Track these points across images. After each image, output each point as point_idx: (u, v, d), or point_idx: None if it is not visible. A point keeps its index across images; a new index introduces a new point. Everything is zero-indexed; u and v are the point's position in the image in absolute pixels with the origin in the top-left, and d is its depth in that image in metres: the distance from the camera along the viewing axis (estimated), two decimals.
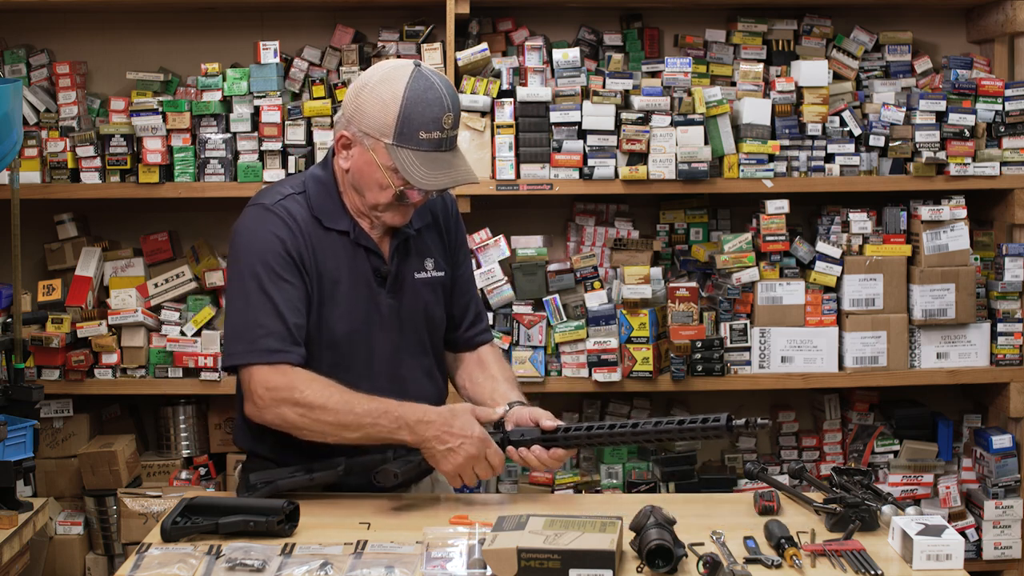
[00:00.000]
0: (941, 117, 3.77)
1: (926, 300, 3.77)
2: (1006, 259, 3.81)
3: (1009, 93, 3.80)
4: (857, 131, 3.81)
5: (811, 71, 3.81)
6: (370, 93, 2.41)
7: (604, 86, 3.73)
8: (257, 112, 3.72)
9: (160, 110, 3.71)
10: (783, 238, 3.76)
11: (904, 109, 3.81)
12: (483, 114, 3.69)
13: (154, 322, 3.77)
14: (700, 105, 3.70)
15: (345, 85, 3.74)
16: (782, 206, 3.75)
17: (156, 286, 3.81)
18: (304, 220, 2.48)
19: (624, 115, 3.68)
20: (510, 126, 3.70)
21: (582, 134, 3.72)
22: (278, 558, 2.15)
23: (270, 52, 3.72)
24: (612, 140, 3.70)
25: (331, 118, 3.71)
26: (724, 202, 4.02)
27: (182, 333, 3.75)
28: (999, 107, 3.80)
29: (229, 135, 3.72)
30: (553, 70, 3.79)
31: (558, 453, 2.47)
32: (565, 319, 3.73)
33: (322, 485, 2.49)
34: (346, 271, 2.50)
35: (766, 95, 3.81)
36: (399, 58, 3.83)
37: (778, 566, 2.11)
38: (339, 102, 3.70)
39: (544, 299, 3.73)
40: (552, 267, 3.77)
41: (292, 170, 3.71)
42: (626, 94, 3.76)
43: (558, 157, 3.70)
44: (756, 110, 3.75)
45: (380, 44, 3.90)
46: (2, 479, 3.15)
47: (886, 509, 2.30)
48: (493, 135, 3.71)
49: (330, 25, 3.95)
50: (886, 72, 3.98)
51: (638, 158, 3.71)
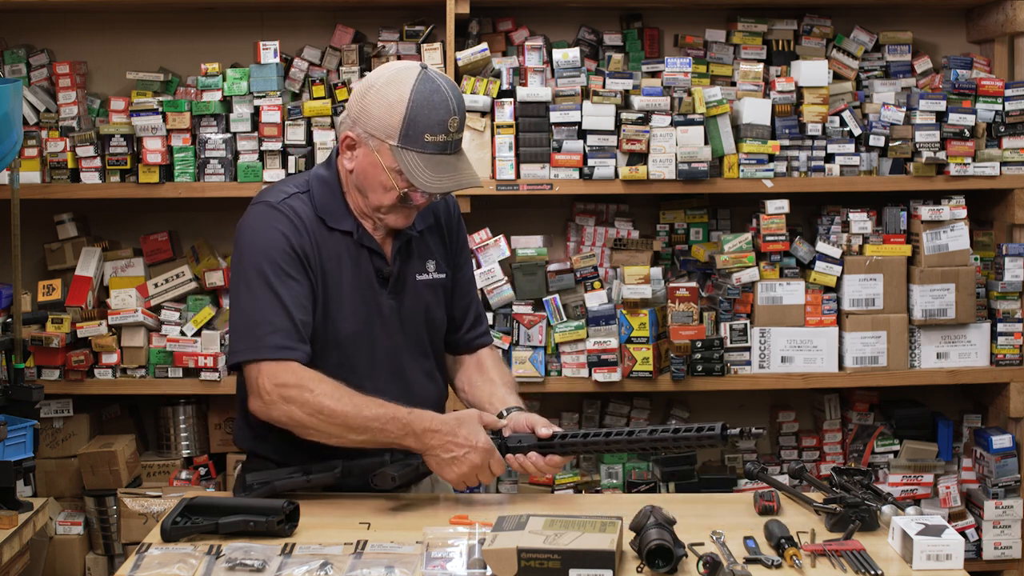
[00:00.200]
0: (941, 117, 3.77)
1: (926, 300, 3.77)
2: (1006, 259, 3.81)
3: (1009, 93, 3.80)
4: (857, 131, 3.81)
5: (811, 71, 3.81)
6: (376, 94, 2.41)
7: (604, 86, 3.73)
8: (257, 112, 3.72)
9: (160, 110, 3.71)
10: (783, 238, 3.76)
11: (904, 109, 3.81)
12: (483, 114, 3.69)
13: (154, 322, 3.77)
14: (700, 105, 3.69)
15: (345, 85, 3.74)
16: (782, 206, 3.75)
17: (156, 286, 3.81)
18: (309, 219, 2.48)
19: (624, 115, 3.68)
20: (510, 126, 3.70)
21: (582, 134, 3.72)
22: (278, 558, 2.14)
23: (270, 52, 3.72)
24: (612, 140, 3.70)
25: (331, 118, 3.71)
26: (724, 202, 4.02)
27: (182, 333, 3.75)
28: (999, 107, 3.80)
29: (229, 135, 3.72)
30: (553, 70, 3.79)
31: (555, 460, 2.47)
32: (565, 319, 3.73)
33: (319, 486, 2.48)
34: (349, 271, 2.50)
35: (766, 95, 3.81)
36: (399, 58, 3.84)
37: (778, 566, 2.11)
38: (339, 102, 3.70)
39: (544, 299, 3.73)
40: (552, 267, 3.77)
41: (292, 170, 3.71)
42: (626, 94, 3.76)
43: (558, 157, 3.70)
44: (756, 110, 3.75)
45: (380, 44, 3.90)
46: (2, 479, 3.15)
47: (886, 509, 2.29)
48: (493, 135, 3.71)
49: (330, 25, 3.95)
50: (886, 72, 3.98)
51: (638, 158, 3.71)
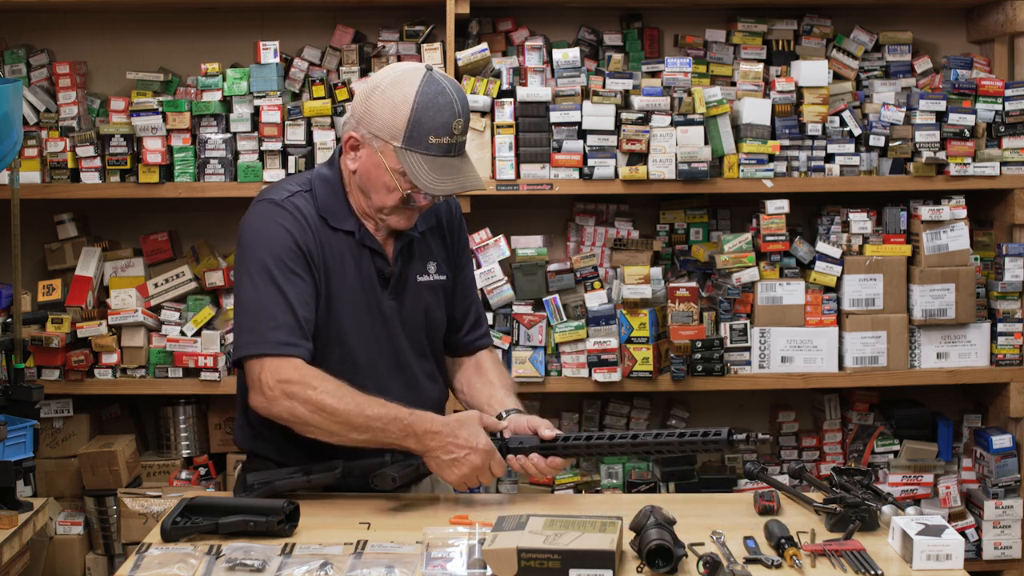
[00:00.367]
0: (941, 117, 3.77)
1: (926, 300, 3.77)
2: (1006, 259, 3.81)
3: (1009, 93, 3.80)
4: (857, 131, 3.81)
5: (811, 71, 3.80)
6: (381, 95, 2.40)
7: (604, 86, 3.73)
8: (257, 112, 3.72)
9: (160, 110, 3.71)
10: (783, 238, 3.76)
11: (904, 109, 3.81)
12: (483, 114, 3.69)
13: (154, 322, 3.77)
14: (700, 105, 3.69)
15: (345, 85, 3.74)
16: (782, 206, 3.75)
17: (156, 286, 3.81)
18: (312, 217, 2.48)
19: (624, 115, 3.68)
20: (510, 126, 3.70)
21: (582, 134, 3.72)
22: (278, 558, 2.14)
23: (270, 52, 3.72)
24: (612, 140, 3.70)
25: (331, 118, 3.71)
26: (724, 202, 4.02)
27: (182, 333, 3.75)
28: (999, 107, 3.80)
29: (229, 135, 3.72)
30: (553, 70, 3.79)
31: (556, 462, 2.47)
32: (565, 319, 3.73)
33: (319, 487, 2.48)
34: (351, 270, 2.50)
35: (766, 95, 3.81)
36: (399, 58, 3.85)
37: (778, 566, 2.11)
38: (339, 102, 3.70)
39: (544, 299, 3.73)
40: (552, 267, 3.77)
41: (292, 170, 3.71)
42: (626, 94, 3.76)
43: (558, 157, 3.70)
44: (756, 110, 3.75)
45: (380, 44, 3.90)
46: (2, 479, 3.15)
47: (886, 509, 2.29)
48: (493, 135, 3.70)
49: (330, 25, 3.95)
50: (886, 72, 3.98)
51: (638, 158, 3.71)
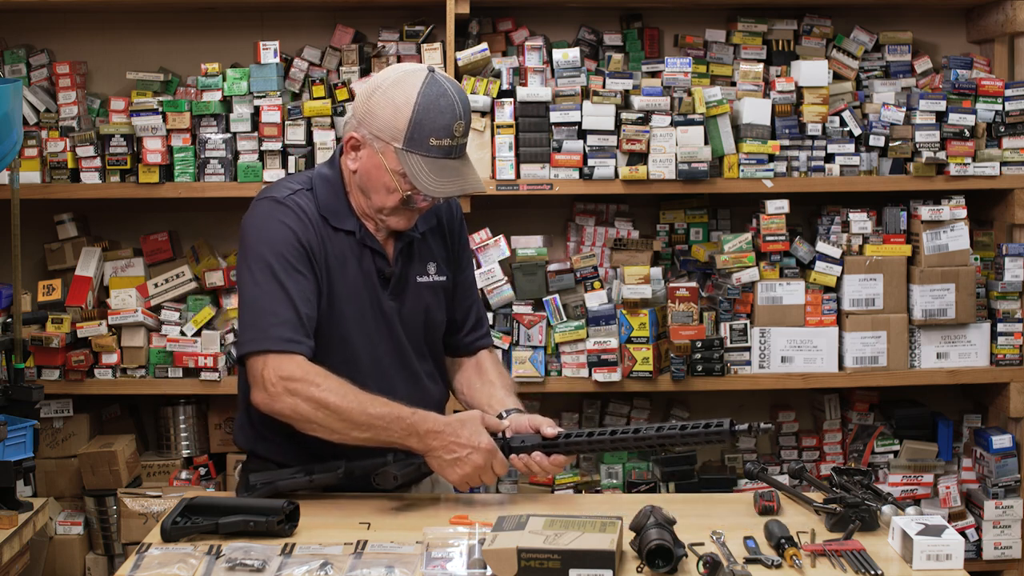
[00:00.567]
0: (941, 117, 3.77)
1: (926, 300, 3.77)
2: (1006, 259, 3.81)
3: (1009, 93, 3.80)
4: (857, 131, 3.81)
5: (811, 71, 3.80)
6: (382, 96, 2.40)
7: (604, 86, 3.73)
8: (257, 112, 3.72)
9: (160, 110, 3.71)
10: (783, 238, 3.76)
11: (904, 109, 3.81)
12: (483, 114, 3.69)
13: (154, 322, 3.77)
14: (700, 105, 3.69)
15: (345, 85, 3.74)
16: (782, 206, 3.75)
17: (156, 286, 3.81)
18: (313, 215, 2.48)
19: (624, 115, 3.68)
20: (510, 126, 3.70)
21: (582, 134, 3.72)
22: (278, 558, 2.14)
23: (270, 52, 3.72)
24: (612, 140, 3.70)
25: (331, 118, 3.71)
26: (724, 202, 4.02)
27: (182, 333, 3.75)
28: (999, 107, 3.80)
29: (229, 135, 3.72)
30: (553, 70, 3.79)
31: (559, 459, 2.47)
32: (565, 319, 3.73)
33: (321, 487, 2.48)
34: (352, 270, 2.50)
35: (766, 95, 3.81)
36: (399, 58, 3.85)
37: (778, 566, 2.11)
38: (339, 102, 3.70)
39: (544, 299, 3.73)
40: (552, 267, 3.77)
41: (292, 170, 3.71)
42: (626, 94, 3.76)
43: (558, 157, 3.70)
44: (756, 110, 3.75)
45: (380, 44, 3.90)
46: (2, 479, 3.15)
47: (886, 509, 2.29)
48: (493, 135, 3.70)
49: (330, 25, 3.95)
50: (886, 72, 3.98)
51: (638, 158, 3.71)
